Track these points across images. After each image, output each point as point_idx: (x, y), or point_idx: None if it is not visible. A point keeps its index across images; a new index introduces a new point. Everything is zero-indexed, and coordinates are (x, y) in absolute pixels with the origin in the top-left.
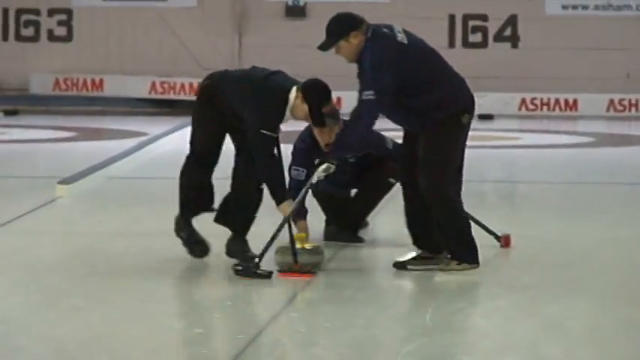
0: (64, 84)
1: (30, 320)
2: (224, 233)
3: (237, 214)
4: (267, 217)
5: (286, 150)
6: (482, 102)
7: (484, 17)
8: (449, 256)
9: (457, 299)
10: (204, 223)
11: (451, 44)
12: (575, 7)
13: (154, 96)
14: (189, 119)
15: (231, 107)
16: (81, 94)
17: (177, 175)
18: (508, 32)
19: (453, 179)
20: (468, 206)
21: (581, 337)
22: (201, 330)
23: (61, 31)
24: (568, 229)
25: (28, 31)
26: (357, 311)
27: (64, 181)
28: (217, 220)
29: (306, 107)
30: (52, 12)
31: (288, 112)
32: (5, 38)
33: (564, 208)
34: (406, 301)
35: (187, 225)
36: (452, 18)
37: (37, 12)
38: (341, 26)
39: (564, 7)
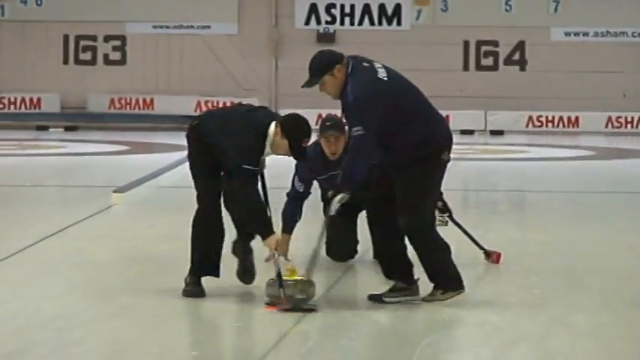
0: (118, 103)
1: (86, 316)
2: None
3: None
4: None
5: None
6: (493, 119)
7: (495, 43)
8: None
9: (471, 297)
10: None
11: (465, 67)
12: (577, 34)
13: (199, 113)
14: None
15: (217, 146)
16: (133, 112)
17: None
18: (517, 56)
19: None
20: (481, 214)
21: (585, 333)
22: (241, 323)
23: (115, 55)
24: (572, 234)
25: (86, 56)
26: (372, 306)
27: (119, 190)
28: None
29: (286, 142)
30: (107, 38)
31: (268, 147)
32: (66, 62)
33: (569, 214)
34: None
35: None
36: (466, 44)
37: (94, 38)
38: (326, 62)
39: (567, 34)
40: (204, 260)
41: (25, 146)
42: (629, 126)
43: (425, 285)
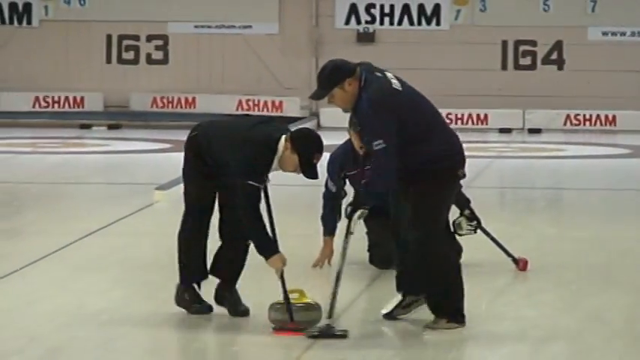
0: (160, 102)
1: (128, 312)
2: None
3: (226, 267)
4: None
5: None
6: (531, 117)
7: (533, 43)
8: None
9: (508, 293)
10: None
11: (504, 67)
12: (614, 34)
13: (240, 112)
14: None
15: (217, 159)
16: (176, 111)
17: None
18: (554, 56)
19: (447, 237)
20: (518, 211)
21: (620, 329)
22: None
23: (158, 55)
24: (608, 230)
25: (129, 55)
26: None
27: (161, 188)
28: (210, 272)
29: (296, 158)
30: (150, 38)
31: (276, 163)
32: (109, 61)
33: (604, 212)
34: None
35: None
36: (504, 43)
37: (136, 38)
38: (336, 74)
39: (604, 34)
40: (195, 272)
41: (68, 144)
42: None
43: None
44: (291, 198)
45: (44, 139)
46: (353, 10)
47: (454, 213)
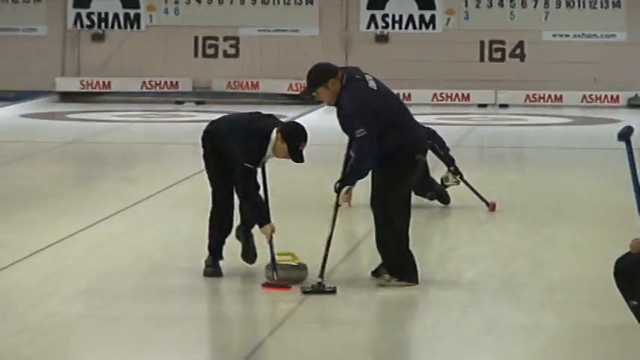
0: (233, 84)
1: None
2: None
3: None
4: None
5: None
6: (501, 96)
7: (502, 42)
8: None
9: (484, 224)
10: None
11: (481, 59)
12: (561, 36)
13: (290, 92)
14: (311, 106)
15: (226, 146)
16: (244, 91)
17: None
18: (518, 52)
19: (404, 212)
20: (492, 165)
21: (567, 248)
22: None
23: (231, 50)
24: (558, 178)
25: (211, 51)
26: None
27: None
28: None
29: (285, 146)
30: (225, 38)
31: (269, 150)
32: (196, 55)
33: (556, 164)
34: (438, 221)
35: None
36: (482, 42)
37: (216, 38)
38: (320, 75)
39: (554, 36)
40: (220, 247)
41: (167, 115)
42: (598, 101)
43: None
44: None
45: (149, 112)
46: (372, 18)
47: (443, 169)
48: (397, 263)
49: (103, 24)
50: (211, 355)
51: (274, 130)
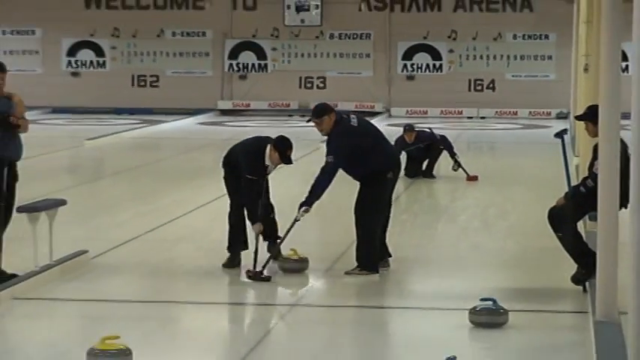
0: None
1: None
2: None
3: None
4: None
5: None
6: (481, 112)
7: (482, 80)
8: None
9: (469, 189)
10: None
11: (469, 90)
12: (518, 76)
13: (355, 109)
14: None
15: (237, 164)
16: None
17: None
18: (491, 86)
19: (379, 216)
20: (476, 153)
21: (522, 202)
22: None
23: (321, 85)
24: (518, 160)
25: (309, 84)
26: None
27: None
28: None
29: (277, 154)
30: (318, 77)
31: (267, 160)
32: (300, 87)
33: (516, 153)
34: (442, 186)
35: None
36: (470, 80)
37: (312, 77)
38: (322, 110)
39: (513, 76)
40: (238, 241)
41: (282, 123)
42: (538, 115)
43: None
44: None
45: (273, 120)
46: (405, 65)
47: (445, 157)
48: (364, 255)
49: (245, 69)
50: None
51: (268, 146)
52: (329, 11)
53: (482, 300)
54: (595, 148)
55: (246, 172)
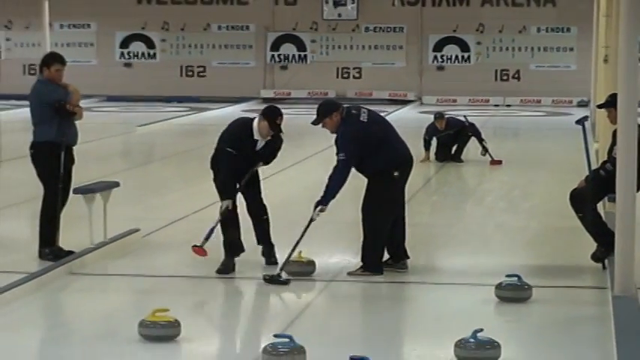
0: (358, 93)
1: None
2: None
3: (258, 233)
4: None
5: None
6: (507, 100)
7: (507, 70)
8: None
9: (494, 172)
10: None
11: (495, 80)
12: (542, 67)
13: (389, 97)
14: (402, 105)
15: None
16: (363, 97)
17: None
18: (517, 76)
19: (387, 215)
20: (500, 138)
21: (543, 184)
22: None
23: (357, 75)
24: (540, 145)
25: (345, 74)
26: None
27: None
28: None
29: (266, 123)
30: (354, 68)
31: (256, 134)
32: (337, 77)
33: (538, 137)
34: (470, 169)
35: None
36: (496, 70)
37: (348, 68)
38: (327, 109)
39: (537, 67)
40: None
41: None
42: (560, 103)
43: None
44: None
45: (312, 108)
46: (435, 57)
47: (473, 142)
48: (368, 255)
49: (286, 60)
50: None
51: (256, 118)
52: (364, 6)
53: (507, 276)
54: (614, 134)
55: (227, 144)
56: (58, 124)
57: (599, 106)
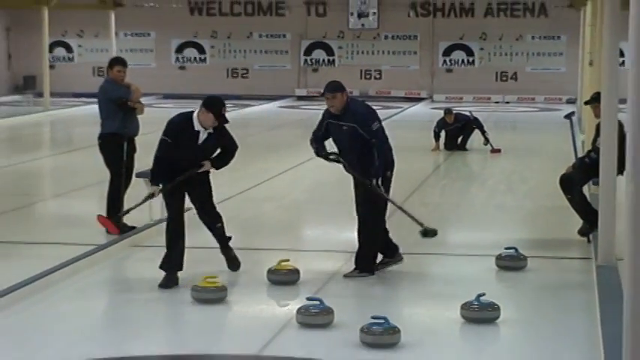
0: (378, 92)
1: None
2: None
3: (216, 238)
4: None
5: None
6: (506, 97)
7: (506, 72)
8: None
9: (494, 159)
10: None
11: (496, 80)
12: (536, 69)
13: (404, 95)
14: (415, 102)
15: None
16: (383, 95)
17: None
18: (514, 77)
19: (381, 216)
20: (499, 129)
21: (537, 170)
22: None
23: (377, 76)
24: (534, 136)
25: (368, 76)
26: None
27: None
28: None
29: (211, 115)
30: (375, 70)
31: (197, 124)
32: (360, 78)
33: (533, 129)
34: (474, 157)
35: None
36: (496, 72)
37: (370, 70)
38: (339, 86)
39: (532, 69)
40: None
41: None
42: (552, 100)
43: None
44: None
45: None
46: (445, 60)
47: (477, 134)
48: (362, 257)
49: (317, 63)
50: None
51: (196, 110)
52: (384, 17)
53: (506, 248)
54: (597, 127)
55: (164, 134)
56: (121, 118)
57: (586, 103)
